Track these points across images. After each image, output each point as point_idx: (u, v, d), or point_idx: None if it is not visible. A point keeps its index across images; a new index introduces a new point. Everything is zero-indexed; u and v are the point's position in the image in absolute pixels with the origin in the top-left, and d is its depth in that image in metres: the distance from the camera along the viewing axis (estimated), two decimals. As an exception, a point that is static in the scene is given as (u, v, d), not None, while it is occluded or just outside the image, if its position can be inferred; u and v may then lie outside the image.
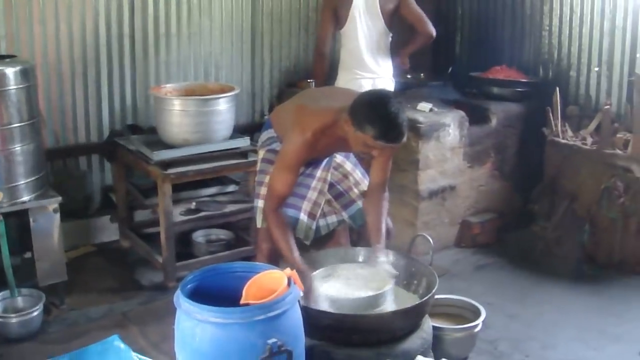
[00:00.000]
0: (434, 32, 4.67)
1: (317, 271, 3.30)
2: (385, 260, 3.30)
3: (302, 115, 3.27)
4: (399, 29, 4.80)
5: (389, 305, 3.13)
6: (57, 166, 4.99)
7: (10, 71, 3.81)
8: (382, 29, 4.63)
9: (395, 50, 4.80)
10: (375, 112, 2.95)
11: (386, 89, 4.46)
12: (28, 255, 4.14)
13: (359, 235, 3.74)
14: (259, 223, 3.53)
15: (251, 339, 2.54)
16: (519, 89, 5.32)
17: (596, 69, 5.16)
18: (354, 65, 4.66)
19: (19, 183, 3.92)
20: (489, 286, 4.49)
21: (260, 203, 3.48)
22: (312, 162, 3.48)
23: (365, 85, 4.52)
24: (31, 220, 3.97)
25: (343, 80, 4.70)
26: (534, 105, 5.25)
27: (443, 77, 5.73)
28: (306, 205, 3.52)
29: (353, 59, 4.66)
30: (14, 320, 3.82)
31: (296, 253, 3.23)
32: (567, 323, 4.04)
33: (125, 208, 4.98)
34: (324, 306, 3.09)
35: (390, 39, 4.73)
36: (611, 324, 4.02)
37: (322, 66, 4.77)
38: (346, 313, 3.02)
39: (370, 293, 3.12)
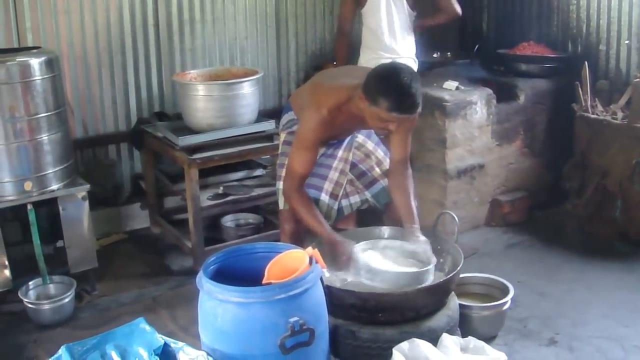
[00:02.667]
0: (459, 10, 4.62)
1: (359, 244, 3.27)
2: (425, 240, 3.28)
3: (317, 93, 3.27)
4: (425, 7, 4.75)
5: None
6: (87, 156, 5.05)
7: (35, 62, 3.85)
8: (404, 8, 4.59)
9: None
10: (387, 83, 2.94)
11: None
12: (60, 244, 4.21)
13: (383, 215, 3.71)
14: (281, 205, 3.54)
15: (273, 318, 2.55)
16: (547, 65, 5.24)
17: (627, 41, 5.06)
18: (375, 45, 4.63)
19: (48, 172, 3.97)
20: (519, 264, 4.45)
21: (282, 185, 3.48)
22: (332, 142, 3.47)
23: None
24: (60, 208, 4.03)
25: (364, 60, 4.67)
26: (563, 81, 5.17)
27: (470, 55, 5.66)
28: (327, 186, 3.51)
29: (374, 38, 4.62)
30: (46, 307, 3.89)
31: (327, 225, 3.24)
32: (598, 300, 3.98)
33: (155, 195, 5.02)
34: (364, 277, 3.08)
35: (414, 18, 4.68)
36: (644, 300, 3.97)
37: (344, 46, 4.76)
38: (370, 291, 3.02)
39: (414, 269, 3.11)
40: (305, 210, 3.26)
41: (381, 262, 3.20)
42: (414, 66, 4.68)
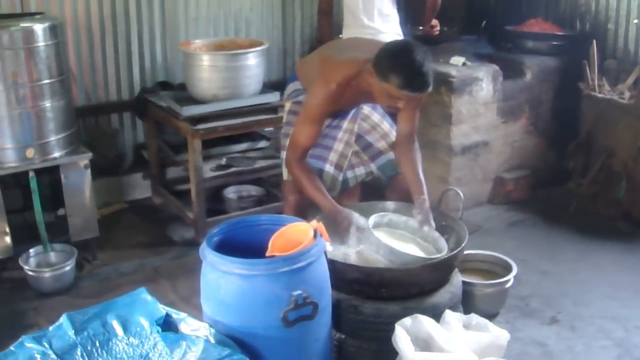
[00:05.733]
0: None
1: (371, 217, 3.23)
2: (428, 211, 3.25)
3: (326, 67, 3.23)
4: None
5: None
6: (89, 124, 5.02)
7: (39, 27, 3.81)
8: None
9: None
10: (399, 61, 2.89)
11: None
12: (61, 212, 4.20)
13: (387, 189, 3.69)
14: (285, 175, 3.51)
15: (276, 290, 2.54)
16: (555, 43, 5.19)
17: (635, 21, 5.01)
18: (354, 22, 4.57)
19: (50, 139, 3.94)
20: (522, 243, 4.44)
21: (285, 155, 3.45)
22: (338, 113, 3.44)
23: None
24: (62, 176, 4.01)
25: (346, 37, 4.62)
26: (570, 59, 5.12)
27: (477, 31, 5.60)
28: (332, 157, 3.48)
29: (353, 16, 4.58)
30: (47, 275, 3.88)
31: (327, 195, 3.22)
32: (600, 280, 3.98)
33: (157, 165, 5.00)
34: (382, 255, 3.06)
35: None
36: (646, 281, 3.96)
37: (327, 25, 4.72)
38: (374, 267, 3.00)
39: (422, 253, 3.11)
40: (307, 179, 3.24)
41: (395, 241, 3.17)
42: None
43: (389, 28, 4.58)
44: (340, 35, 4.71)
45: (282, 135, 3.57)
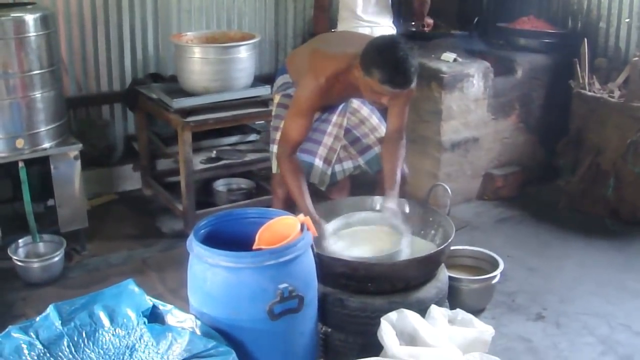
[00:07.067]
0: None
1: (332, 221, 3.27)
2: (397, 211, 3.24)
3: (316, 60, 3.24)
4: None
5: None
6: (80, 115, 5.01)
7: (30, 18, 3.80)
8: None
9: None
10: (382, 56, 2.91)
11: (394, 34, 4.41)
12: (51, 202, 4.21)
13: (375, 183, 3.71)
14: (274, 169, 3.53)
15: (262, 283, 2.55)
16: (546, 40, 5.20)
17: (627, 20, 5.04)
18: (350, 16, 4.61)
19: (40, 130, 3.94)
20: (510, 239, 4.46)
21: (275, 148, 3.46)
22: (327, 107, 3.45)
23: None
24: (52, 167, 4.00)
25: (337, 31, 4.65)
26: (561, 57, 5.14)
27: (469, 27, 5.62)
28: (322, 151, 3.50)
29: (349, 10, 4.61)
30: (35, 265, 3.89)
31: (308, 200, 3.22)
32: (586, 277, 4.00)
33: (148, 157, 5.00)
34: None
35: None
36: (632, 279, 3.98)
37: (323, 20, 4.75)
38: (360, 261, 3.01)
39: (383, 251, 3.10)
40: (293, 178, 3.24)
41: (349, 245, 3.17)
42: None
43: (385, 22, 4.61)
44: (334, 30, 4.72)
45: (272, 128, 3.58)
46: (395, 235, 3.18)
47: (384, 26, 4.64)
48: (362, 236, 3.25)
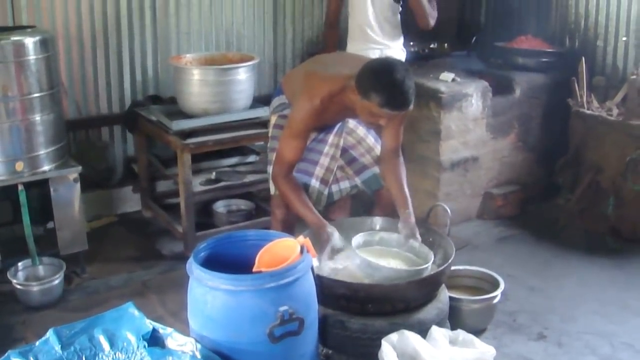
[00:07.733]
0: (430, 25, 4.64)
1: (355, 236, 3.26)
2: (416, 231, 3.28)
3: (310, 82, 3.25)
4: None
5: None
6: (80, 137, 5.01)
7: (30, 41, 3.81)
8: (389, 0, 4.58)
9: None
10: (380, 79, 2.93)
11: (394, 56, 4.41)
12: (50, 225, 4.21)
13: (373, 203, 3.71)
14: (272, 190, 3.53)
15: (262, 306, 2.55)
16: (544, 59, 5.22)
17: (624, 38, 5.05)
18: (362, 37, 4.62)
19: (40, 153, 3.94)
20: (510, 258, 4.45)
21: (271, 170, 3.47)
22: (323, 127, 3.46)
23: (373, 56, 4.46)
24: (52, 189, 4.00)
25: (352, 51, 4.65)
26: (559, 76, 5.15)
27: (467, 46, 5.65)
28: (318, 171, 3.50)
29: (360, 30, 4.62)
30: (35, 289, 3.87)
31: (313, 209, 3.24)
32: (588, 296, 3.99)
33: (147, 179, 5.00)
34: (363, 273, 3.08)
35: (400, 8, 4.66)
36: (634, 297, 3.97)
37: (333, 38, 4.78)
38: (361, 282, 3.01)
39: (413, 266, 3.12)
40: (293, 193, 3.27)
41: (379, 258, 3.19)
42: (402, 56, 4.69)
43: (395, 43, 4.62)
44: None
45: (269, 149, 3.59)
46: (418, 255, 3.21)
47: (395, 49, 4.65)
48: (385, 254, 3.27)
